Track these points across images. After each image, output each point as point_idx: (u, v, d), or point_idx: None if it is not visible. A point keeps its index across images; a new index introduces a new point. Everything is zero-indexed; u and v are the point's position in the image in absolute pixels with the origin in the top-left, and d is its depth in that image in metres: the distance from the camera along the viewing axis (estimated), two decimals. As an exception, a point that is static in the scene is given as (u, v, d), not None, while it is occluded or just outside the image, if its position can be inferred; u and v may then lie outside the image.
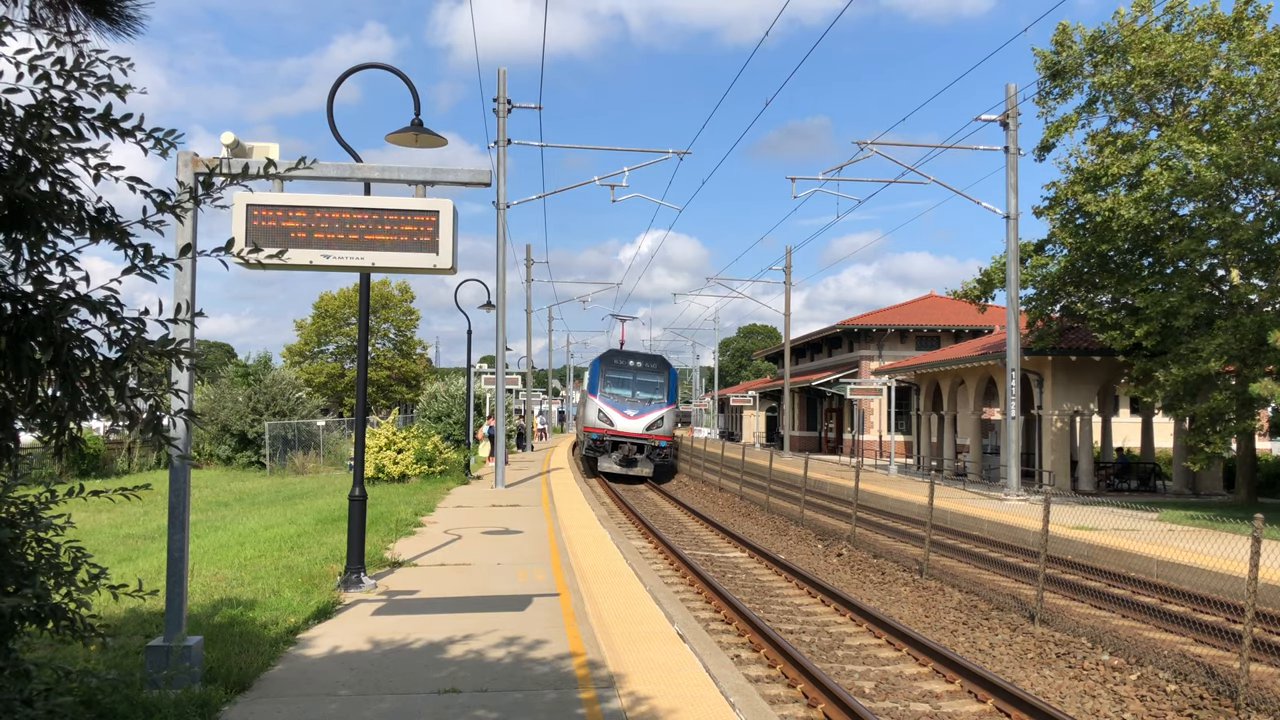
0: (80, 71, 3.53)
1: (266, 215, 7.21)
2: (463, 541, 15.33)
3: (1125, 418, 41.03)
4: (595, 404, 37.24)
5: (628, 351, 41.24)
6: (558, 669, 7.60)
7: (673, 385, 38.86)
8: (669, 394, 38.31)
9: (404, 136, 11.95)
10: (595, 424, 36.83)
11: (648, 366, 38.99)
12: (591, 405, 37.50)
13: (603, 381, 38.03)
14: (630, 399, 37.43)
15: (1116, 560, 16.40)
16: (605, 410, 36.86)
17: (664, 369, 39.40)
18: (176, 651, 6.87)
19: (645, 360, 39.66)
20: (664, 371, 39.23)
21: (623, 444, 36.33)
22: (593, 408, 37.32)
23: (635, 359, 39.54)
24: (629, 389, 37.78)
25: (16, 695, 3.65)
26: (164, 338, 3.74)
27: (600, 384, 38.01)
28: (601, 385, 37.87)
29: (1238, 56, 24.16)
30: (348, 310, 74.58)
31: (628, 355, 40.10)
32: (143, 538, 18.34)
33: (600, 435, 36.58)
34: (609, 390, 37.65)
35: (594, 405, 37.31)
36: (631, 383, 38.06)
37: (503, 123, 26.68)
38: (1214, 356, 21.73)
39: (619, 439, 36.42)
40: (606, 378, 38.19)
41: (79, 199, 3.59)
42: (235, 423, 42.09)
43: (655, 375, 38.72)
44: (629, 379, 38.14)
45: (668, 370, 39.44)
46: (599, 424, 36.71)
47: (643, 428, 36.66)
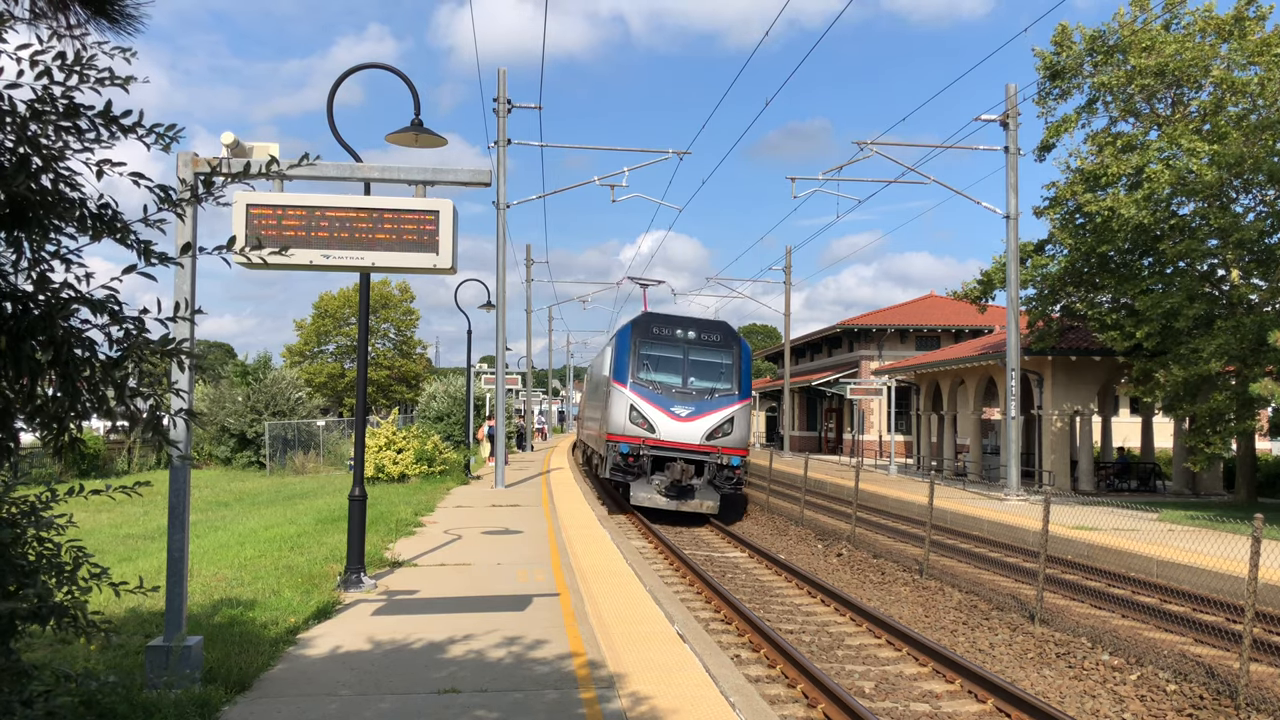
0: (81, 66, 3.53)
1: (267, 215, 7.21)
2: (463, 541, 15.33)
3: (1125, 418, 41.03)
4: (624, 398, 23.66)
5: (675, 317, 26.05)
6: (558, 669, 7.60)
7: (745, 368, 24.71)
8: (740, 381, 24.36)
9: (404, 136, 11.94)
10: (624, 429, 23.48)
11: (706, 338, 24.71)
12: (618, 400, 23.81)
13: (636, 362, 24.07)
14: (681, 390, 23.84)
15: (1116, 560, 16.40)
16: (641, 407, 23.44)
17: (731, 341, 24.90)
18: (176, 651, 6.86)
19: (703, 329, 25.16)
20: (731, 346, 24.78)
21: (671, 460, 22.92)
22: (620, 404, 23.74)
23: (687, 326, 25.09)
24: (678, 373, 24.13)
25: (16, 696, 3.65)
26: (164, 337, 3.73)
27: (632, 366, 23.98)
28: (634, 367, 23.97)
29: (1238, 56, 24.16)
30: (348, 310, 74.61)
31: (675, 322, 25.37)
32: (143, 538, 18.34)
33: (633, 448, 23.13)
34: (647, 376, 23.93)
35: (622, 400, 23.69)
36: (682, 364, 24.26)
37: (503, 123, 26.68)
38: (1214, 357, 21.73)
39: (665, 453, 23.09)
40: (642, 357, 24.20)
41: (80, 196, 3.58)
42: (235, 423, 42.09)
43: (719, 352, 24.57)
44: (678, 358, 24.34)
45: (737, 344, 24.94)
46: (631, 429, 23.40)
47: (702, 435, 23.29)
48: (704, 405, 23.55)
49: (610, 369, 24.94)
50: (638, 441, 23.13)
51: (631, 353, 24.11)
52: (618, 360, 24.42)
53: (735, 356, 24.55)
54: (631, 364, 23.93)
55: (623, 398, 23.62)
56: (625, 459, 23.12)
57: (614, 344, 25.48)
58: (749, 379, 24.64)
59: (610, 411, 23.99)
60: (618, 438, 23.41)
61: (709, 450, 23.14)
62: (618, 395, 23.77)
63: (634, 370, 23.87)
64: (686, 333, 24.66)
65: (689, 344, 24.50)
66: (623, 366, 24.07)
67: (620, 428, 23.45)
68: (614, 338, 26.29)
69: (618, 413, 23.61)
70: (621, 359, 24.26)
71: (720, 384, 24.11)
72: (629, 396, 23.51)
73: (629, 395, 23.53)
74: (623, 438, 23.31)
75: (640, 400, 23.45)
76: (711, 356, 24.48)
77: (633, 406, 23.43)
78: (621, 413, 23.54)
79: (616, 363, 24.46)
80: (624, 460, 23.13)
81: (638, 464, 23.07)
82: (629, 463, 23.10)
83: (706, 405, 23.56)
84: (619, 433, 23.43)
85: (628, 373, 23.86)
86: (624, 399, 23.58)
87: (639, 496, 22.85)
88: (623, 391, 23.68)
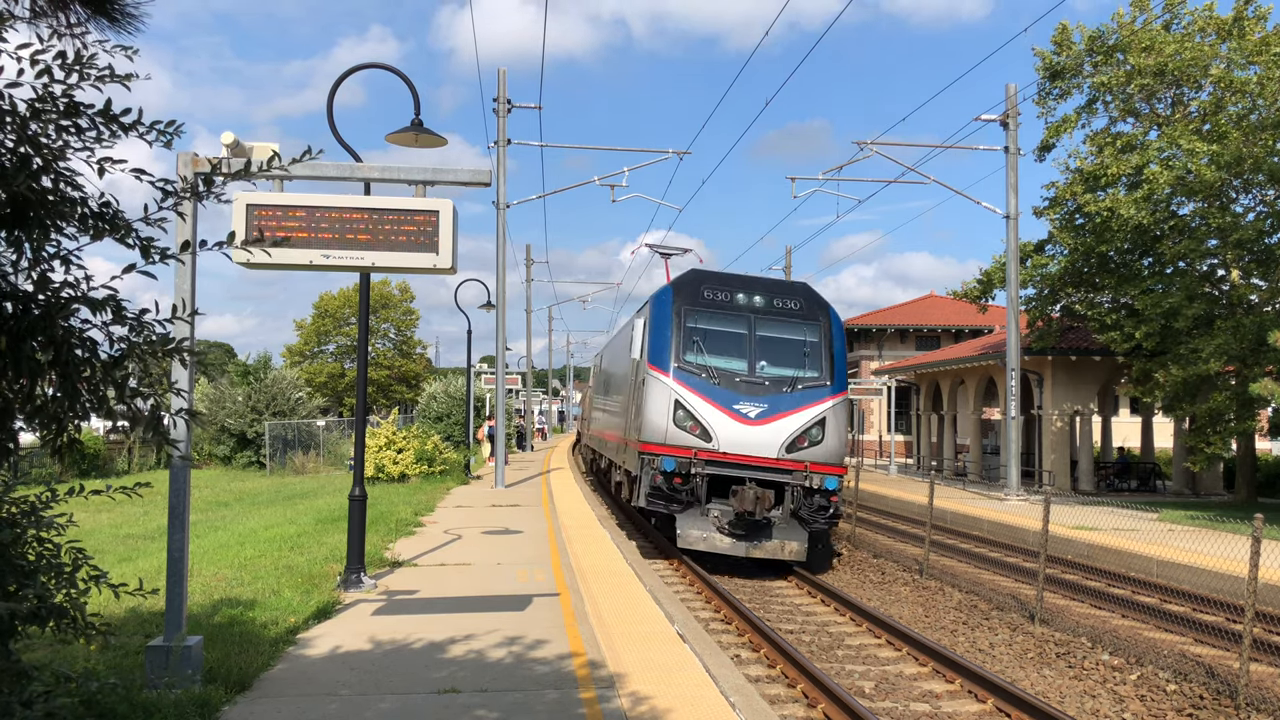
0: (82, 64, 3.53)
1: (267, 214, 7.21)
2: (463, 541, 15.33)
3: (1125, 418, 41.04)
4: (665, 391, 16.67)
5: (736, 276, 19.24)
6: (558, 669, 7.60)
7: (838, 348, 17.65)
8: (833, 366, 17.35)
9: (404, 136, 11.94)
10: (666, 436, 16.42)
11: (781, 305, 17.78)
12: (656, 395, 16.79)
13: (681, 339, 17.07)
14: (748, 379, 16.85)
15: (1116, 560, 16.40)
16: (692, 405, 16.46)
17: (816, 310, 17.89)
18: (176, 651, 6.86)
19: (776, 292, 18.21)
20: (817, 316, 17.82)
21: (736, 482, 16.02)
22: (658, 400, 16.72)
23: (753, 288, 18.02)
24: (742, 355, 17.13)
25: (15, 697, 3.65)
26: (165, 336, 3.73)
27: (675, 344, 17.04)
28: (678, 346, 17.03)
29: (1238, 56, 24.17)
30: (348, 310, 74.63)
31: (736, 283, 18.25)
32: (143, 538, 18.34)
33: (682, 464, 16.21)
34: (698, 360, 16.92)
35: (661, 394, 16.71)
36: (748, 342, 17.25)
37: (502, 123, 26.68)
38: (1214, 357, 21.74)
39: (727, 470, 16.21)
40: (691, 332, 17.15)
41: (81, 195, 3.58)
42: (235, 423, 42.09)
43: (801, 324, 17.65)
44: (741, 334, 17.33)
45: (825, 313, 17.95)
46: (676, 436, 16.37)
47: (780, 444, 16.23)
48: (781, 401, 16.24)
49: (641, 349, 17.60)
50: (686, 454, 15.83)
51: (675, 326, 16.69)
52: (654, 337, 16.95)
53: (824, 331, 17.18)
54: (675, 342, 16.58)
55: (663, 391, 16.27)
56: (669, 480, 15.85)
57: (647, 314, 17.66)
58: (843, 364, 17.22)
59: (644, 410, 16.53)
60: (657, 448, 16.04)
61: (791, 466, 15.84)
62: (656, 387, 16.41)
63: (678, 350, 16.53)
64: (752, 297, 17.30)
65: (757, 314, 17.13)
66: (661, 345, 16.68)
67: (659, 434, 16.11)
68: (646, 306, 18.35)
69: (656, 412, 16.29)
70: (660, 335, 16.82)
71: (804, 370, 16.78)
72: (672, 389, 16.19)
73: (672, 387, 16.21)
74: (664, 448, 15.97)
75: (690, 394, 16.15)
76: (790, 331, 17.17)
77: (678, 403, 16.09)
78: (661, 412, 16.21)
79: (652, 340, 16.94)
80: (667, 482, 15.85)
81: (687, 487, 15.87)
82: (675, 485, 15.86)
83: (785, 401, 16.26)
84: (658, 441, 16.09)
85: (669, 354, 16.50)
86: (665, 393, 16.24)
87: (690, 536, 15.70)
88: (663, 381, 16.32)
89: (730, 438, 16.02)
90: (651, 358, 16.94)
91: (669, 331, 16.90)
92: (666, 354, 16.74)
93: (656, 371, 16.67)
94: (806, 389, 16.64)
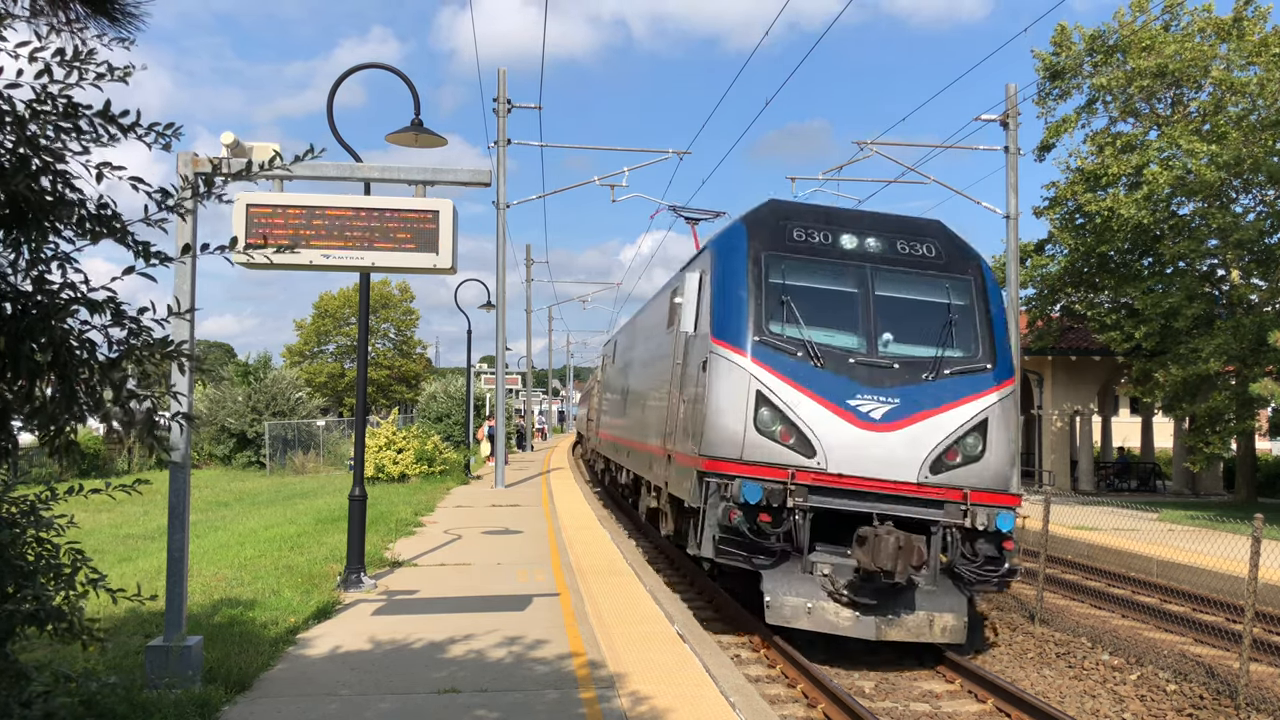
0: (80, 61, 3.53)
1: (267, 214, 7.21)
2: (463, 541, 15.33)
3: (1125, 418, 41.05)
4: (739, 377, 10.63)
5: (837, 210, 12.56)
6: (558, 669, 7.60)
7: (997, 315, 11.54)
8: (992, 342, 11.26)
9: (404, 136, 11.94)
10: (744, 445, 10.43)
11: (909, 251, 11.67)
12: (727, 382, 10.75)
13: (762, 300, 10.97)
14: (866, 359, 10.76)
15: (1116, 560, 16.40)
16: (783, 397, 10.45)
17: (962, 260, 11.80)
18: (176, 651, 6.86)
19: (899, 232, 11.90)
20: (964, 268, 11.71)
21: (857, 518, 10.19)
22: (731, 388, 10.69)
23: (866, 228, 11.80)
24: (856, 324, 11.08)
25: (15, 698, 3.65)
26: (164, 338, 3.73)
27: (753, 308, 10.92)
28: (757, 311, 10.90)
29: (1237, 57, 24.19)
30: (348, 310, 74.63)
31: (841, 220, 11.95)
32: (143, 538, 18.34)
33: (771, 491, 10.19)
34: (792, 331, 10.83)
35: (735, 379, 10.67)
36: (862, 305, 11.16)
37: (502, 122, 26.69)
38: (1214, 357, 21.75)
39: (841, 502, 10.28)
40: (776, 290, 11.04)
41: (80, 197, 3.58)
42: (235, 423, 42.09)
43: (940, 280, 11.53)
44: (851, 291, 11.26)
45: (975, 265, 11.83)
46: (759, 445, 10.38)
47: (921, 460, 10.37)
48: (919, 395, 10.70)
49: (697, 317, 11.82)
50: (778, 477, 10.26)
51: (753, 281, 11.10)
52: (720, 298, 11.32)
53: (975, 289, 11.51)
54: (754, 305, 10.98)
55: (737, 378, 10.71)
56: (752, 517, 10.27)
57: (707, 267, 11.90)
58: (1005, 338, 11.54)
59: (707, 408, 10.95)
60: (730, 466, 10.49)
61: (941, 495, 10.40)
62: (726, 372, 10.83)
63: (759, 318, 10.91)
64: (864, 239, 11.61)
65: (874, 263, 11.45)
66: (732, 310, 11.08)
67: (732, 444, 10.54)
68: (704, 256, 12.53)
69: (727, 411, 10.69)
70: (729, 295, 11.21)
71: (949, 348, 11.07)
72: (752, 375, 10.63)
73: (752, 372, 10.64)
74: (741, 467, 10.42)
75: (781, 383, 10.58)
76: (924, 289, 11.45)
77: (763, 397, 10.56)
78: (735, 411, 10.62)
79: (717, 303, 11.34)
80: (749, 520, 10.26)
81: (781, 529, 10.28)
82: (761, 526, 10.27)
83: (924, 395, 10.72)
84: (730, 455, 10.52)
85: (744, 323, 10.88)
86: (740, 380, 10.68)
87: (787, 606, 10.14)
88: (736, 363, 10.76)
89: (845, 450, 10.18)
90: (717, 329, 10.96)
91: (743, 290, 10.86)
92: (740, 323, 10.71)
93: (726, 348, 10.67)
94: (956, 375, 10.71)
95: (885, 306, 11.17)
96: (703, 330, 11.57)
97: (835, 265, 11.38)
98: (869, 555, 9.76)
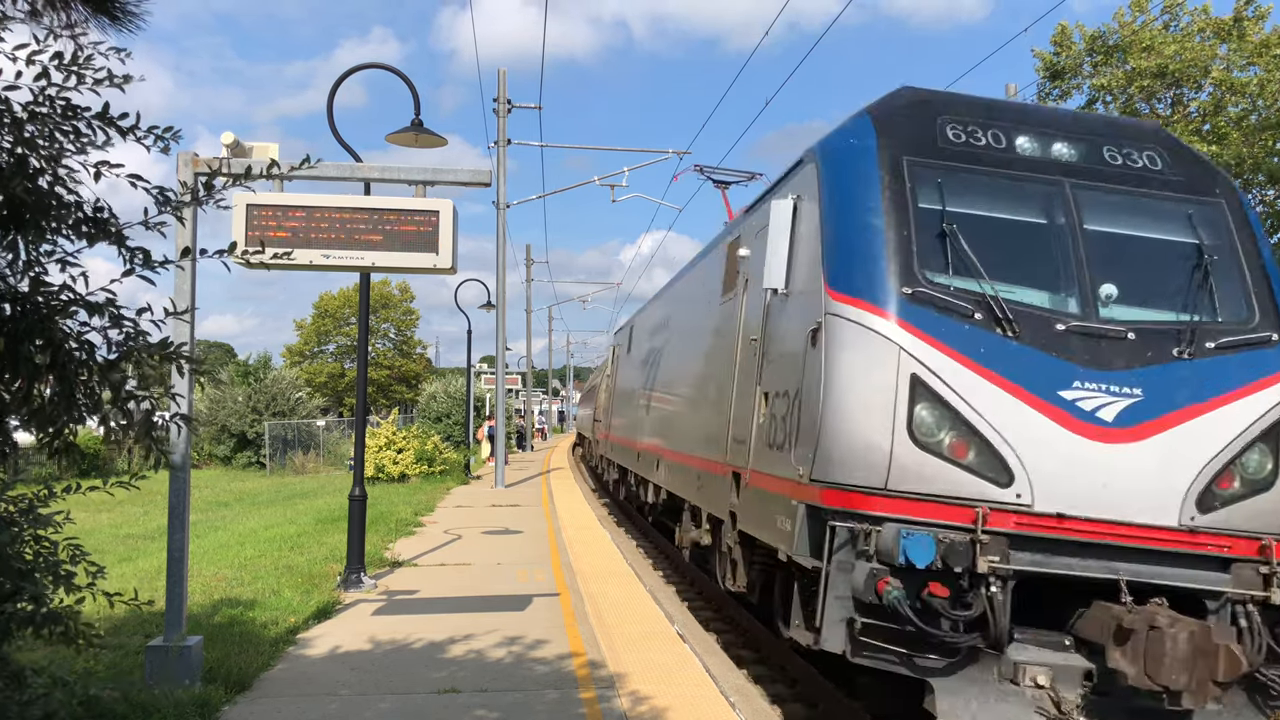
0: (79, 65, 3.53)
1: (267, 215, 7.22)
2: (463, 541, 15.33)
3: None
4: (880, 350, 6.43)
5: (1004, 103, 8.31)
6: (558, 669, 7.60)
7: (1269, 260, 7.16)
8: (1272, 299, 7.01)
9: (404, 136, 11.94)
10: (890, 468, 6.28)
11: (1125, 163, 7.47)
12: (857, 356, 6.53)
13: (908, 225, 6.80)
14: (1083, 326, 6.59)
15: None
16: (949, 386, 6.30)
17: (1204, 178, 7.60)
18: (176, 651, 6.87)
19: (1106, 138, 7.64)
20: (1210, 188, 7.52)
21: (1091, 582, 6.25)
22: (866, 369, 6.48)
23: (1055, 129, 7.62)
24: (1057, 269, 6.99)
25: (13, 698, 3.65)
26: (164, 340, 3.73)
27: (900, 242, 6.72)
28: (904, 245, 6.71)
29: (1238, 57, 24.18)
30: (348, 310, 74.65)
31: (1011, 114, 7.76)
32: (143, 538, 18.34)
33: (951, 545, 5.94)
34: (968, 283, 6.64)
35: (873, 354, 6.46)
36: (1070, 240, 7.05)
37: (502, 122, 26.69)
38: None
39: (1068, 557, 6.28)
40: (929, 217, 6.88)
41: (78, 199, 3.58)
42: (235, 423, 42.10)
43: (1177, 205, 7.40)
44: (1054, 223, 7.17)
45: (1225, 187, 7.59)
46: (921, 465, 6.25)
47: (1185, 493, 6.34)
48: (1167, 382, 6.64)
49: (797, 263, 7.83)
50: (959, 519, 6.22)
51: (892, 201, 6.99)
52: (842, 227, 7.22)
53: (1230, 220, 7.52)
54: (895, 237, 6.84)
55: (876, 351, 6.55)
56: (917, 587, 6.11)
57: (813, 184, 7.78)
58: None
59: (825, 401, 6.73)
60: (871, 502, 6.41)
61: (1220, 547, 6.46)
62: (852, 341, 6.71)
63: (904, 257, 6.78)
64: (1049, 145, 7.62)
65: (1073, 176, 7.48)
66: (862, 245, 6.97)
67: (872, 459, 6.43)
68: (806, 167, 8.16)
69: (860, 406, 6.56)
70: (854, 222, 7.13)
71: (1206, 308, 7.14)
72: (901, 346, 6.48)
73: (901, 342, 6.49)
74: (892, 503, 6.35)
75: (949, 361, 6.45)
76: (1154, 219, 7.48)
77: (920, 383, 6.41)
78: (876, 405, 6.47)
79: (837, 236, 7.22)
80: (911, 595, 6.07)
81: (965, 611, 6.08)
82: (931, 601, 6.09)
83: (1175, 382, 6.65)
84: (868, 483, 6.45)
85: (884, 265, 6.77)
86: (880, 355, 6.52)
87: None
88: (875, 328, 6.60)
89: (1062, 474, 6.45)
90: (837, 277, 7.08)
91: (878, 216, 7.04)
92: (878, 267, 6.85)
93: (855, 305, 6.84)
94: (1224, 351, 6.95)
95: (1099, 245, 7.18)
96: (806, 283, 7.50)
97: (1019, 181, 7.36)
98: (1139, 661, 5.89)
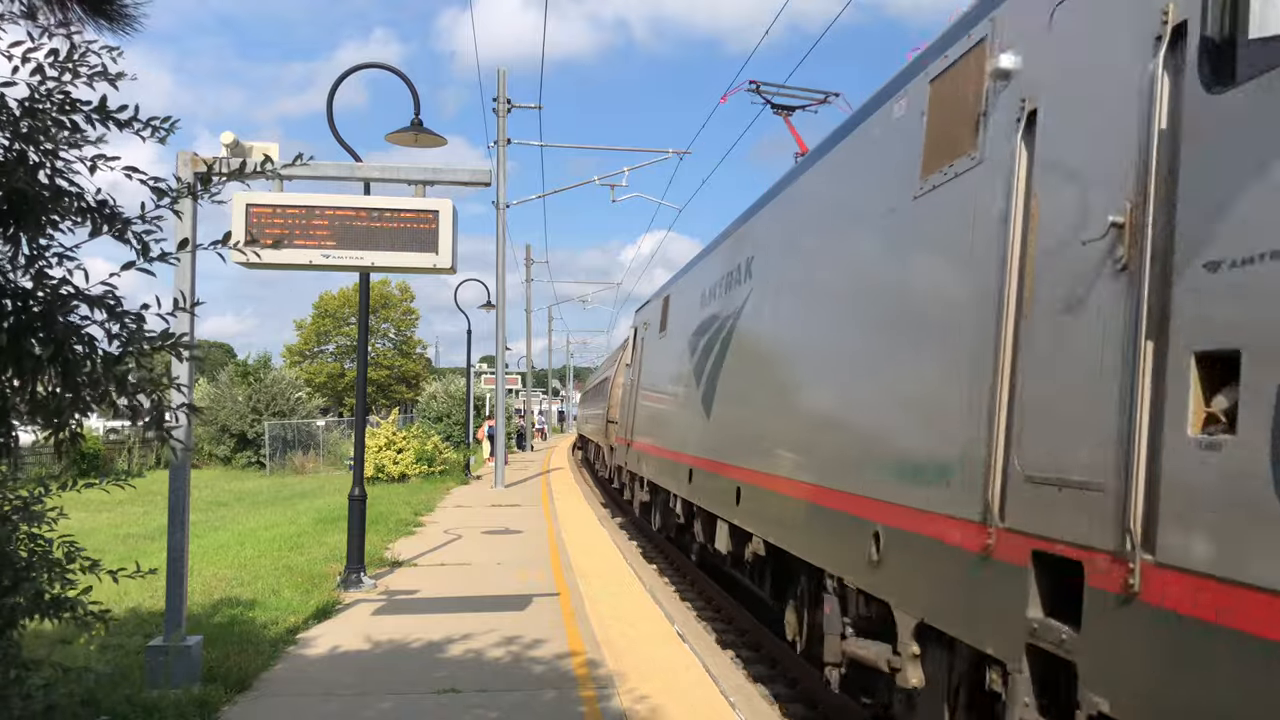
0: (74, 62, 3.53)
1: (266, 214, 7.21)
2: (463, 541, 15.32)
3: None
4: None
5: None
6: (558, 668, 7.59)
7: None
8: None
9: (403, 136, 11.93)
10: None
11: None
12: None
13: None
14: None
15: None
16: None
17: None
18: (176, 651, 6.86)
19: None
20: None
21: None
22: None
23: None
24: None
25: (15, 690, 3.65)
26: (164, 331, 3.73)
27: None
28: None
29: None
30: (348, 310, 74.60)
31: None
32: (143, 538, 18.32)
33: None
34: None
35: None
36: None
37: (502, 122, 26.69)
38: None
39: None
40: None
41: (78, 190, 3.58)
42: (235, 423, 42.06)
43: None
44: None
45: None
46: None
47: None
48: None
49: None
50: None
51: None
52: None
53: None
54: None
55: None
56: None
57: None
58: None
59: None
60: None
61: None
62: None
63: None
64: None
65: None
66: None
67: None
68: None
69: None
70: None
71: None
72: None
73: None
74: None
75: None
76: None
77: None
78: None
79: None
80: None
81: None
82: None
83: None
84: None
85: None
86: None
87: None
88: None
89: None
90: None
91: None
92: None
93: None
94: None
95: None
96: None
97: None
98: None
